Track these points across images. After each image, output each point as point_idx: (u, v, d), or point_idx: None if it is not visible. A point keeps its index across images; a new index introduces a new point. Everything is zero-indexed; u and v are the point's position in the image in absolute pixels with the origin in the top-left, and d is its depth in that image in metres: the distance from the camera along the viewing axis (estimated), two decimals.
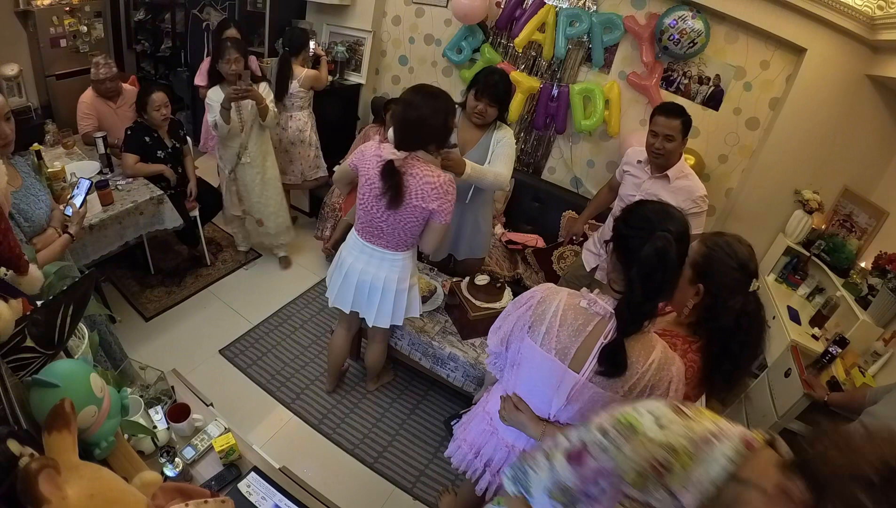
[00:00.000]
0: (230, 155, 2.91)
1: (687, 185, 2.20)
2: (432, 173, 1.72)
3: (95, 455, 0.89)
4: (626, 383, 1.09)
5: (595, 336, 1.11)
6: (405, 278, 1.99)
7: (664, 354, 1.10)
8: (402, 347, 2.38)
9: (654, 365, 1.08)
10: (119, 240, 2.53)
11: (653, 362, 1.08)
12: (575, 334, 1.12)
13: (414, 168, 1.72)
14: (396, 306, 2.02)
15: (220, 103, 2.63)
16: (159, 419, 1.36)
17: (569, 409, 1.17)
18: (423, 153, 1.75)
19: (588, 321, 1.12)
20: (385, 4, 3.87)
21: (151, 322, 2.84)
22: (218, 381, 2.52)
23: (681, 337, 1.25)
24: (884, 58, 2.52)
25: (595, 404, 1.13)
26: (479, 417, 1.44)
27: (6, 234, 1.01)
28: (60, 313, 0.87)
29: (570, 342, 1.12)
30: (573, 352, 1.12)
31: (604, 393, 1.11)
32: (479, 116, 2.16)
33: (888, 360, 2.10)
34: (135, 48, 4.97)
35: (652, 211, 1.08)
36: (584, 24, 3.06)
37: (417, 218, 1.80)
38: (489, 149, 2.21)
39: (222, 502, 0.78)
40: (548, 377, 1.17)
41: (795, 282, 2.84)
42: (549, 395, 1.18)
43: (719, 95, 3.01)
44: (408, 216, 1.79)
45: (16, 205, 1.56)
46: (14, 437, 0.64)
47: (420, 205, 1.75)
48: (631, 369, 1.08)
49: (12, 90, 3.63)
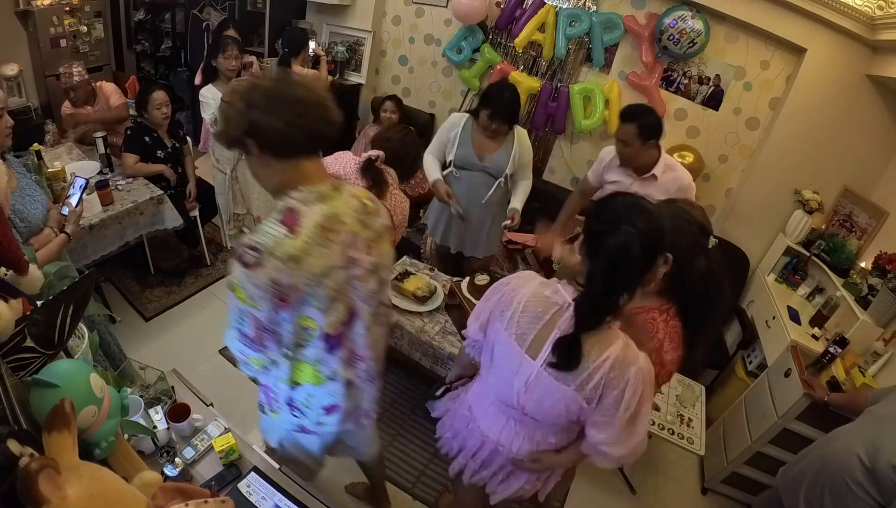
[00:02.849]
0: (229, 154, 2.90)
1: (674, 176, 2.19)
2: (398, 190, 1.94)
3: (95, 455, 0.88)
4: (577, 377, 1.07)
5: (550, 326, 1.10)
6: None
7: (623, 354, 1.06)
8: (402, 347, 2.37)
9: (609, 363, 1.05)
10: (119, 240, 2.53)
11: (607, 358, 1.05)
12: (533, 321, 1.12)
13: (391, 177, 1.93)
14: None
15: (216, 100, 2.63)
16: (159, 419, 1.36)
17: (528, 397, 1.17)
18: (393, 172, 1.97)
19: (547, 310, 1.11)
20: (385, 4, 3.88)
21: (151, 322, 2.84)
22: (218, 381, 2.52)
23: (655, 309, 1.26)
24: (884, 58, 2.52)
25: (549, 394, 1.13)
26: (461, 401, 1.45)
27: (6, 234, 1.01)
28: (60, 313, 0.87)
29: (528, 329, 1.13)
30: (530, 339, 1.12)
31: (557, 385, 1.10)
32: (494, 134, 2.31)
33: (888, 360, 2.10)
34: (135, 48, 4.97)
35: (623, 205, 1.04)
36: (584, 24, 3.07)
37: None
38: (511, 151, 2.35)
39: (222, 502, 0.78)
40: (509, 361, 1.18)
41: (795, 282, 2.84)
42: (511, 380, 1.19)
43: (719, 95, 3.01)
44: None
45: (12, 205, 1.56)
46: (14, 437, 0.64)
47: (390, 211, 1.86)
48: (582, 363, 1.06)
49: (12, 90, 3.63)
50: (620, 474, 2.42)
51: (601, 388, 1.07)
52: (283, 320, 1.05)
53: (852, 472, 1.42)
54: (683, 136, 3.17)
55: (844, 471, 1.44)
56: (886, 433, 1.44)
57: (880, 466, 1.36)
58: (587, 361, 1.06)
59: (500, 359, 1.22)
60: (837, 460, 1.50)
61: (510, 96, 2.22)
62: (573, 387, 1.09)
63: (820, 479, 1.54)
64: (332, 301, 1.10)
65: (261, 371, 1.16)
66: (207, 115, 2.74)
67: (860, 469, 1.41)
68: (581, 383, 1.08)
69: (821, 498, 1.51)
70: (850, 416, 1.77)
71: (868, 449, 1.42)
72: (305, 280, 1.02)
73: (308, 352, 1.15)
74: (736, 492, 2.38)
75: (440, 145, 2.44)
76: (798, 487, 1.61)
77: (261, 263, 0.98)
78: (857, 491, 1.40)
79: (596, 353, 1.06)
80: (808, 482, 1.58)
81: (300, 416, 1.28)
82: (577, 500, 2.05)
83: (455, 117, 2.42)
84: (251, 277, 0.98)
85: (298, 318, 1.07)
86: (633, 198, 1.09)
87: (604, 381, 1.06)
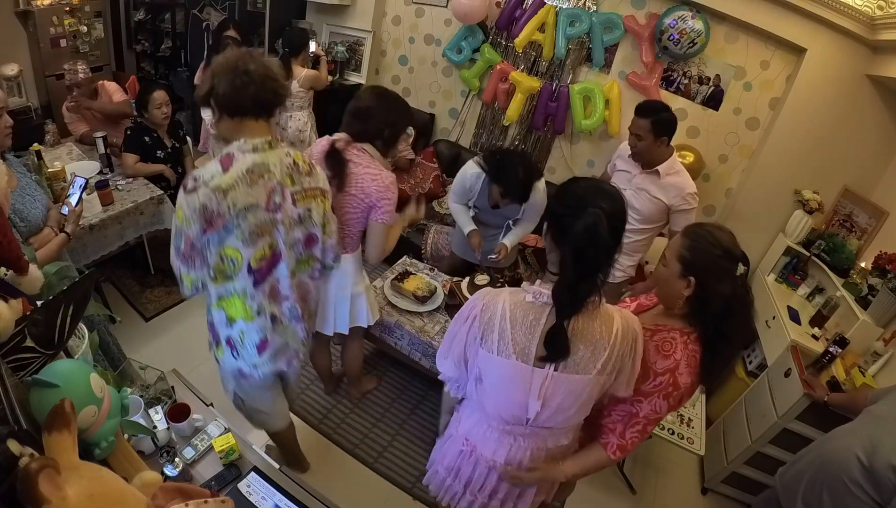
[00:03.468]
0: None
1: (678, 181, 2.19)
2: (376, 168, 1.76)
3: (95, 455, 0.89)
4: (597, 360, 1.09)
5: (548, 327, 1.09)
6: (347, 285, 1.95)
7: (624, 320, 1.12)
8: (402, 347, 2.38)
9: (620, 334, 1.09)
10: (119, 240, 2.53)
11: (617, 331, 1.09)
12: (530, 330, 1.09)
13: (359, 158, 1.76)
14: (356, 309, 2.02)
15: None
16: (159, 419, 1.36)
17: (548, 407, 1.15)
18: (370, 148, 1.78)
19: (540, 314, 1.09)
20: (385, 4, 3.88)
21: (151, 322, 2.84)
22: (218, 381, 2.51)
23: (677, 330, 1.25)
24: (884, 58, 2.52)
25: (573, 392, 1.12)
26: (453, 440, 1.39)
27: (6, 234, 1.01)
28: (60, 313, 0.87)
29: (527, 341, 1.09)
30: (534, 349, 1.09)
31: (579, 377, 1.10)
32: (506, 203, 2.30)
33: (888, 360, 2.10)
34: (135, 48, 4.96)
35: (584, 188, 1.06)
36: (584, 24, 3.06)
37: (357, 209, 1.78)
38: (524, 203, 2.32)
39: (222, 502, 0.78)
40: (516, 382, 1.14)
41: (795, 282, 2.84)
42: (523, 399, 1.15)
43: (719, 95, 3.01)
44: (347, 207, 1.78)
45: (12, 205, 1.56)
46: (14, 437, 0.64)
47: (359, 196, 1.75)
48: (598, 346, 1.08)
49: (12, 90, 3.63)
50: (620, 474, 2.42)
51: (621, 359, 1.11)
52: (209, 242, 1.29)
53: (850, 472, 1.42)
54: (683, 136, 3.17)
55: (843, 471, 1.44)
56: (885, 433, 1.44)
57: (879, 465, 1.36)
58: (601, 342, 1.08)
59: (502, 384, 1.17)
60: (836, 459, 1.50)
61: (523, 174, 2.14)
62: (594, 373, 1.10)
63: (818, 478, 1.54)
64: (256, 236, 1.32)
65: (192, 290, 1.39)
66: (207, 115, 2.73)
67: (858, 468, 1.41)
68: (602, 364, 1.09)
69: (819, 498, 1.51)
70: (849, 416, 1.77)
71: (867, 449, 1.42)
72: (229, 210, 1.25)
73: (237, 284, 1.37)
74: (736, 492, 2.38)
75: (463, 195, 2.43)
76: (796, 487, 1.61)
77: (196, 189, 1.23)
78: (856, 491, 1.40)
79: (606, 332, 1.09)
80: (807, 481, 1.58)
81: (238, 357, 1.50)
82: (578, 500, 2.05)
83: (472, 173, 2.34)
84: (188, 200, 1.24)
85: (222, 247, 1.30)
86: (592, 181, 1.13)
87: (622, 352, 1.10)
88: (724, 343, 1.22)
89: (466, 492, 1.37)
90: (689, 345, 1.23)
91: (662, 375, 1.21)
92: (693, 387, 1.24)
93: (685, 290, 1.20)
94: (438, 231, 3.26)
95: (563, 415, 1.17)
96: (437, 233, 3.25)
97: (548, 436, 1.24)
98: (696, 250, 1.19)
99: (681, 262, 1.21)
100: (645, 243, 2.46)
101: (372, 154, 1.78)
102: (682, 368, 1.21)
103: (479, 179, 2.33)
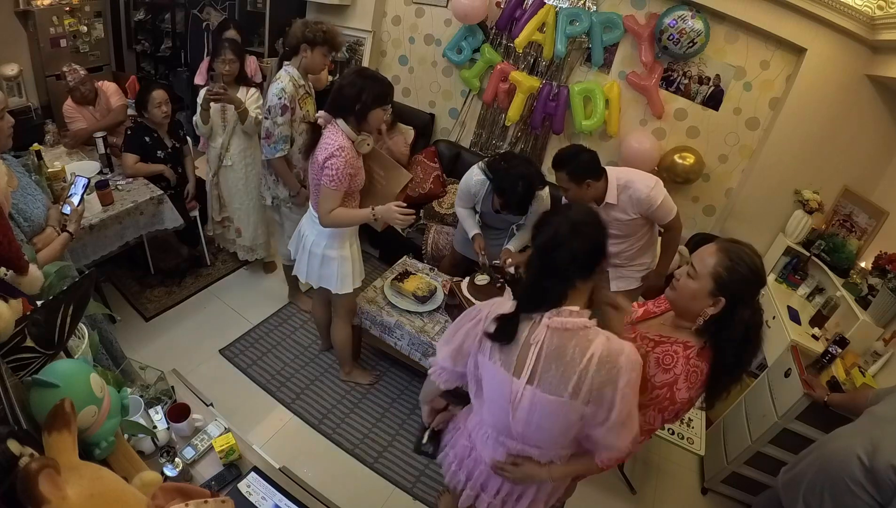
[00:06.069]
0: (213, 156, 2.87)
1: (631, 195, 2.11)
2: (335, 135, 1.87)
3: (95, 455, 0.89)
4: (567, 383, 1.07)
5: (528, 339, 1.11)
6: (321, 244, 2.09)
7: (607, 347, 1.06)
8: (401, 347, 2.38)
9: (595, 360, 1.05)
10: (119, 240, 2.53)
11: (591, 357, 1.05)
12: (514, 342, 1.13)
13: (329, 130, 1.91)
14: (323, 270, 2.15)
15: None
16: (159, 419, 1.36)
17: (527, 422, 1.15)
18: (342, 123, 1.89)
19: (521, 329, 1.12)
20: (385, 4, 3.87)
21: (151, 322, 2.84)
22: (218, 381, 2.52)
23: (681, 343, 1.23)
24: (884, 58, 2.52)
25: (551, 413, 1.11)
26: (461, 432, 1.42)
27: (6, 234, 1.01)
28: (60, 313, 0.87)
29: (509, 352, 1.13)
30: (514, 360, 1.12)
31: (554, 399, 1.09)
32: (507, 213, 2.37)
33: (888, 360, 2.10)
34: (135, 48, 4.96)
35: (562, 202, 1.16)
36: (584, 24, 3.06)
37: (314, 172, 1.94)
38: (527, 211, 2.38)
39: (222, 502, 0.78)
40: (501, 390, 1.16)
41: (795, 282, 2.84)
42: (507, 408, 1.16)
43: (719, 95, 3.01)
44: (315, 172, 1.94)
45: (14, 205, 1.56)
46: (14, 437, 0.64)
47: (318, 160, 1.89)
48: (568, 367, 1.06)
49: (12, 90, 3.63)
50: (620, 474, 2.42)
51: (597, 387, 1.06)
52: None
53: (851, 472, 1.42)
54: (683, 136, 3.17)
55: (844, 471, 1.44)
56: (886, 433, 1.43)
57: (879, 466, 1.36)
58: (571, 364, 1.06)
59: (493, 392, 1.20)
60: (837, 460, 1.50)
61: (523, 189, 2.17)
62: (566, 396, 1.08)
63: (819, 479, 1.54)
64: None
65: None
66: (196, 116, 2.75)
67: (859, 468, 1.41)
68: (574, 388, 1.07)
69: (820, 498, 1.51)
70: (850, 416, 1.77)
71: (867, 449, 1.41)
72: None
73: None
74: (736, 492, 2.38)
75: (469, 200, 2.50)
76: (797, 487, 1.61)
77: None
78: (857, 491, 1.40)
79: (578, 354, 1.06)
80: (808, 482, 1.58)
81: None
82: (578, 500, 2.05)
83: (477, 180, 2.40)
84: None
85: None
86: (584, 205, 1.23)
87: (598, 380, 1.06)
88: (737, 368, 1.20)
89: (467, 486, 1.39)
90: (691, 359, 1.20)
91: (660, 389, 1.20)
92: (691, 402, 1.22)
93: (710, 308, 1.17)
94: (439, 231, 3.26)
95: (545, 434, 1.17)
96: (438, 233, 3.25)
97: (539, 457, 1.24)
98: (735, 272, 1.15)
99: (715, 280, 1.16)
100: (645, 245, 2.45)
101: (342, 128, 1.89)
102: (681, 383, 1.19)
103: (482, 185, 2.40)
